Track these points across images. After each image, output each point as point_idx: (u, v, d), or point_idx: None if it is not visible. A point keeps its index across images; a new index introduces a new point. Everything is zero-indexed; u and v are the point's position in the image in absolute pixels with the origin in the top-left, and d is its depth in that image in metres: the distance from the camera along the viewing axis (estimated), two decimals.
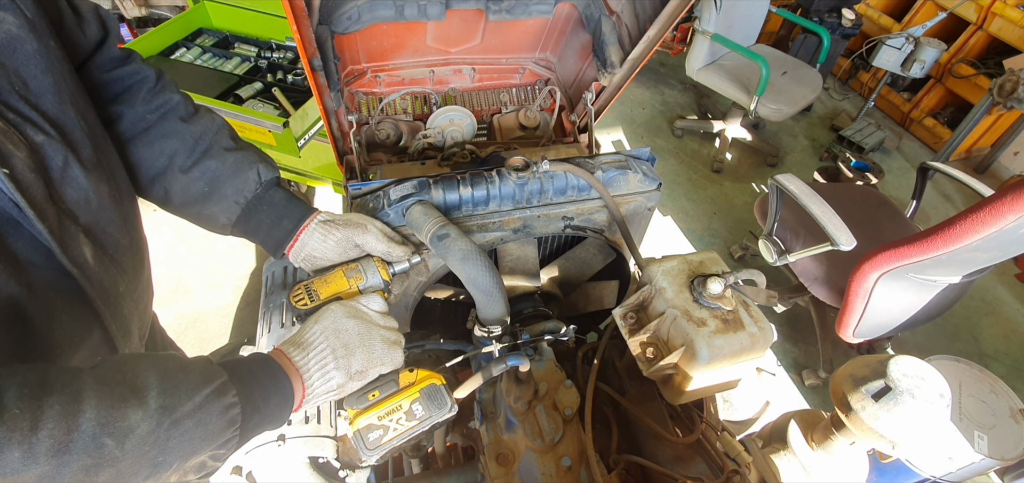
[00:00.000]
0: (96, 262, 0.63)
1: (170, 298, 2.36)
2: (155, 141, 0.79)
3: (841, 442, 0.85)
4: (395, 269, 0.89)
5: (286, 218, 0.85)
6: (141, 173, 0.79)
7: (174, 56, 2.24)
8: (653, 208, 1.19)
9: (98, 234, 0.64)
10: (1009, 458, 1.47)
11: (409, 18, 1.16)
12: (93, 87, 0.74)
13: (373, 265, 0.86)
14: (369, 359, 0.74)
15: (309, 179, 2.63)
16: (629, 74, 1.26)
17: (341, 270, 0.84)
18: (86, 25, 0.72)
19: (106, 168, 0.68)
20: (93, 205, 0.63)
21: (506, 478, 0.86)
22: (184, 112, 0.81)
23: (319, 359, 0.70)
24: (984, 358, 2.56)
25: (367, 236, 0.87)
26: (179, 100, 0.82)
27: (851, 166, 3.39)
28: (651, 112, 3.94)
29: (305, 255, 0.86)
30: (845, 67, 4.38)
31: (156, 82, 0.81)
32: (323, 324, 0.73)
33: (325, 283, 0.82)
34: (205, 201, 0.81)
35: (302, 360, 0.69)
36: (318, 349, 0.70)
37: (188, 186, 0.80)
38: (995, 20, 3.50)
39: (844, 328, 1.72)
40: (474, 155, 1.31)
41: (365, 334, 0.75)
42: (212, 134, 0.82)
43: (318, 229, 0.85)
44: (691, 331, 0.79)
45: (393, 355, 0.77)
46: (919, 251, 1.37)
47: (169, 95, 0.81)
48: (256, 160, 0.85)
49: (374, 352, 0.74)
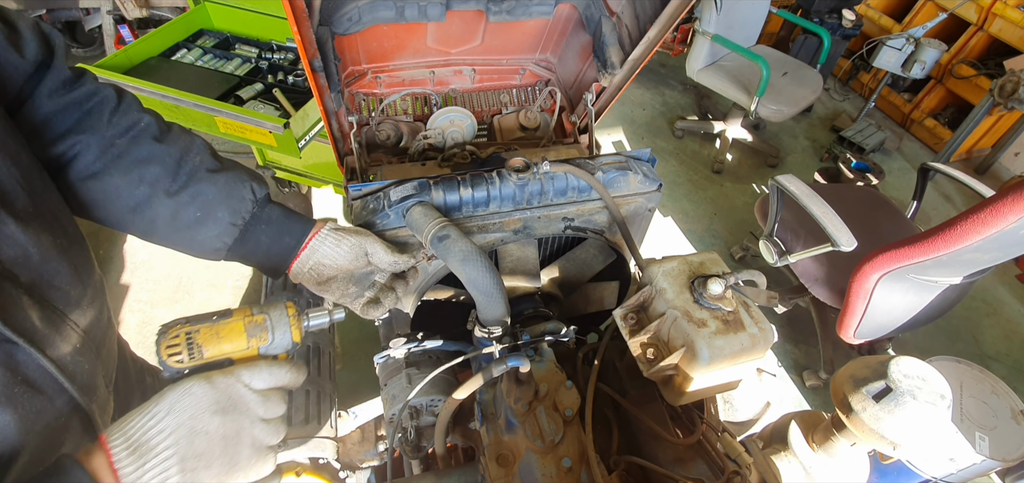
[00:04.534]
0: (45, 325, 0.55)
1: (170, 299, 2.36)
2: (132, 168, 0.70)
3: (842, 443, 0.85)
4: (310, 324, 0.73)
5: (288, 234, 0.80)
6: (119, 205, 0.71)
7: (175, 57, 2.24)
8: (654, 209, 1.19)
9: (44, 291, 0.56)
10: (1010, 459, 1.47)
11: (409, 19, 1.16)
12: (42, 119, 0.66)
13: (285, 320, 0.67)
14: (229, 473, 0.56)
15: (309, 180, 2.64)
16: (629, 75, 1.26)
17: (242, 321, 0.65)
18: (23, 43, 0.62)
19: (48, 215, 0.59)
20: (35, 260, 0.55)
21: (506, 479, 0.86)
22: (157, 131, 0.73)
23: (158, 474, 0.51)
24: (985, 359, 2.56)
25: (376, 247, 0.84)
26: (150, 119, 0.74)
27: (852, 167, 3.39)
28: (651, 113, 3.94)
29: (313, 264, 0.81)
30: (845, 68, 4.38)
31: (118, 102, 0.72)
32: (176, 417, 0.54)
33: (216, 335, 0.63)
34: (197, 227, 0.75)
35: (132, 473, 0.50)
36: (160, 458, 0.52)
37: (177, 213, 0.73)
38: (995, 21, 3.50)
39: (845, 329, 1.72)
40: (474, 156, 1.31)
41: (231, 439, 0.57)
42: (194, 154, 0.75)
43: (330, 235, 0.81)
44: (692, 332, 0.79)
45: (261, 465, 0.60)
46: (920, 252, 1.37)
47: (138, 115, 0.73)
48: (247, 177, 0.79)
49: (237, 463, 0.57)
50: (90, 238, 2.81)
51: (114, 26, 3.14)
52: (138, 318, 2.28)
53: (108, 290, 1.90)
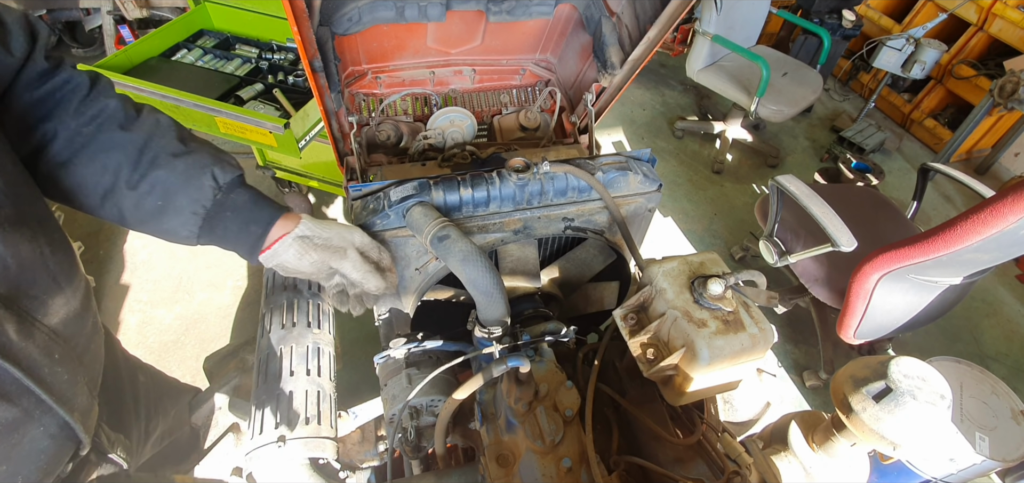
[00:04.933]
0: (21, 337, 0.56)
1: (170, 299, 2.36)
2: (96, 156, 0.70)
3: (842, 443, 0.85)
4: None
5: (253, 223, 0.78)
6: (88, 193, 0.71)
7: (175, 58, 2.25)
8: (654, 209, 1.19)
9: (21, 301, 0.57)
10: (1010, 459, 1.47)
11: (409, 19, 1.17)
12: (20, 112, 0.66)
13: None
14: None
15: (310, 180, 2.64)
16: (629, 75, 1.26)
17: None
18: (11, 39, 0.62)
19: (32, 223, 0.60)
20: (12, 271, 0.55)
21: (506, 479, 0.86)
22: (123, 119, 0.72)
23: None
24: (985, 359, 2.56)
25: (344, 262, 0.81)
26: (117, 105, 0.73)
27: (852, 167, 3.39)
28: (651, 113, 3.94)
29: (277, 264, 0.81)
30: (845, 68, 4.38)
31: (90, 89, 0.71)
32: None
33: None
34: (161, 216, 0.73)
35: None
36: None
37: (139, 203, 0.72)
38: (995, 21, 3.50)
39: (845, 329, 1.72)
40: (474, 156, 1.31)
41: None
42: (157, 139, 0.73)
43: (294, 245, 0.78)
44: (692, 332, 0.79)
45: None
46: (920, 252, 1.36)
47: (105, 101, 0.72)
48: (210, 162, 0.76)
49: None
50: (91, 237, 2.78)
51: (114, 26, 3.14)
52: (138, 318, 2.28)
53: (108, 290, 1.89)
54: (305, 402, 0.99)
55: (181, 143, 0.75)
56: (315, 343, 1.11)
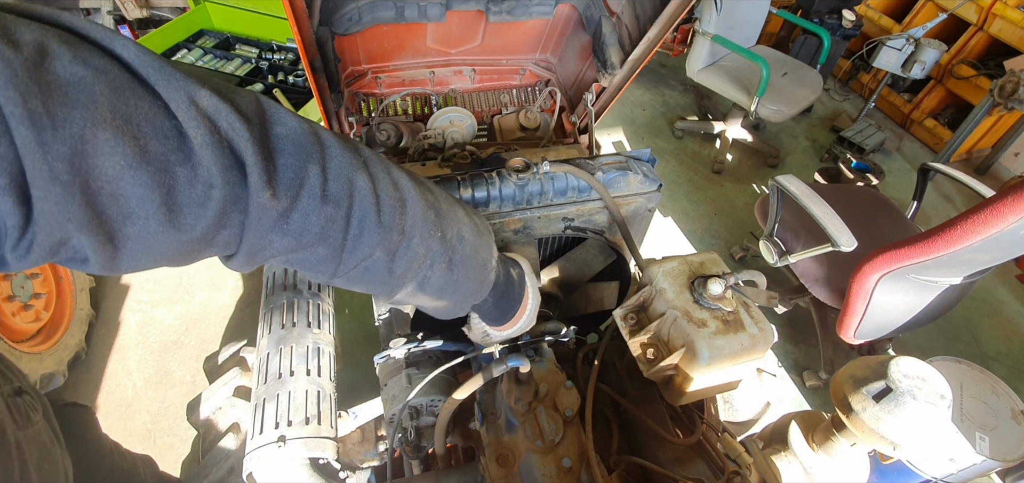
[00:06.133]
0: None
1: (170, 299, 2.36)
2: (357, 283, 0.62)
3: (842, 443, 0.85)
4: None
5: None
6: None
7: (175, 58, 2.25)
8: (654, 209, 1.19)
9: None
10: (1010, 459, 1.47)
11: (409, 19, 1.17)
12: None
13: None
14: None
15: None
16: (629, 75, 1.26)
17: None
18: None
19: None
20: None
21: (506, 479, 0.86)
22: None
23: None
24: (985, 359, 2.56)
25: None
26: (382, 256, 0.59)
27: (852, 167, 3.39)
28: (651, 113, 3.94)
29: None
30: (845, 68, 4.37)
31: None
32: None
33: None
34: None
35: None
36: None
37: None
38: (995, 21, 3.50)
39: (845, 329, 1.72)
40: (474, 156, 1.31)
41: None
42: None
43: None
44: (692, 332, 0.79)
45: None
46: (920, 252, 1.36)
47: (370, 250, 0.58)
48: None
49: None
50: None
51: (114, 26, 3.14)
52: (138, 318, 2.28)
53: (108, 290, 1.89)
54: (305, 402, 0.99)
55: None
56: (315, 343, 1.11)
